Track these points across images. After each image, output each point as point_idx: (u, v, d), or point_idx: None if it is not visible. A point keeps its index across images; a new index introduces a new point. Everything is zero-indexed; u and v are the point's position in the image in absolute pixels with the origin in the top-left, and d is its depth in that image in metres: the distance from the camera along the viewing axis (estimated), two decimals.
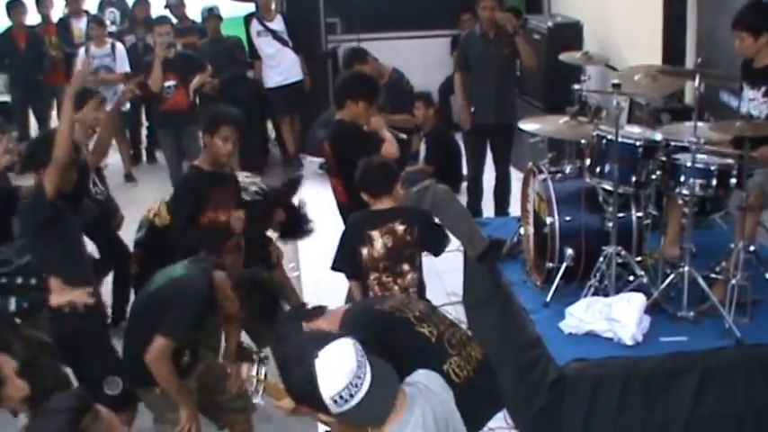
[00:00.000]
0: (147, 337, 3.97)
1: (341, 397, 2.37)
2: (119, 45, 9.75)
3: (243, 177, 5.78)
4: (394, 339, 3.48)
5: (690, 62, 6.81)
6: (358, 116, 5.45)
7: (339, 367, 2.38)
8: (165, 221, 5.41)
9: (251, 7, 9.87)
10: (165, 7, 10.52)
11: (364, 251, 4.50)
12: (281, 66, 9.38)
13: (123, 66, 9.51)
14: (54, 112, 10.69)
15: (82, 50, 9.61)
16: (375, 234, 4.51)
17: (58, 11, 11.10)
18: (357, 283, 4.67)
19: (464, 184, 8.04)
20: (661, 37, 7.23)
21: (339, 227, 5.13)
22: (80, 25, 10.43)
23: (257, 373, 3.27)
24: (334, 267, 4.72)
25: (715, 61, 5.98)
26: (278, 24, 9.35)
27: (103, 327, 4.92)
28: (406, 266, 4.51)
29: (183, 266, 4.22)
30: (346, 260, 4.62)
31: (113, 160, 8.93)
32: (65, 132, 4.48)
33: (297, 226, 5.75)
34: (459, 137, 7.89)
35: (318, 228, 5.83)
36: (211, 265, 4.19)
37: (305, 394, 2.44)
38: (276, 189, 5.76)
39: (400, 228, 4.51)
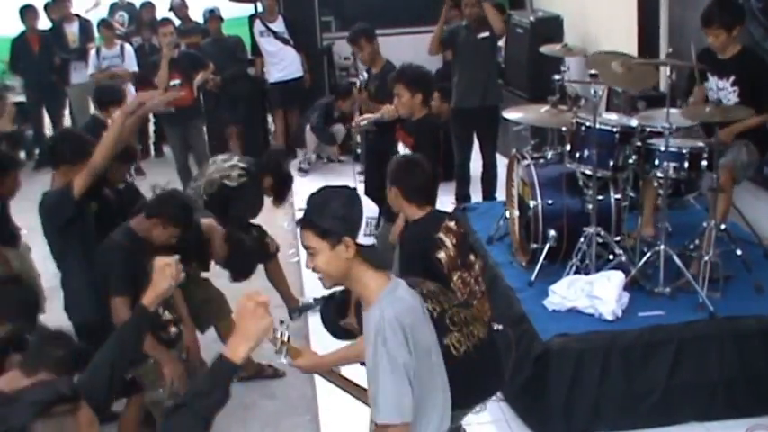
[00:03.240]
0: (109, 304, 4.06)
1: (367, 224, 2.62)
2: (127, 46, 9.72)
3: (220, 162, 5.73)
4: None
5: (663, 52, 6.76)
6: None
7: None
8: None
9: (250, 8, 9.82)
10: (170, 9, 10.45)
11: (441, 255, 3.97)
12: (282, 63, 9.32)
13: (131, 65, 9.48)
14: (66, 111, 10.62)
15: (93, 51, 9.57)
16: (442, 236, 4.00)
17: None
18: None
19: None
20: (636, 29, 7.19)
21: None
22: (73, 29, 10.31)
23: (281, 335, 3.24)
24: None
25: (685, 51, 5.93)
26: (279, 26, 9.29)
27: None
28: (471, 257, 4.03)
29: None
30: (420, 270, 3.92)
31: None
32: (110, 143, 4.38)
33: (285, 185, 5.95)
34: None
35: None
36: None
37: (346, 223, 2.59)
38: (258, 163, 5.82)
39: (451, 223, 4.06)
